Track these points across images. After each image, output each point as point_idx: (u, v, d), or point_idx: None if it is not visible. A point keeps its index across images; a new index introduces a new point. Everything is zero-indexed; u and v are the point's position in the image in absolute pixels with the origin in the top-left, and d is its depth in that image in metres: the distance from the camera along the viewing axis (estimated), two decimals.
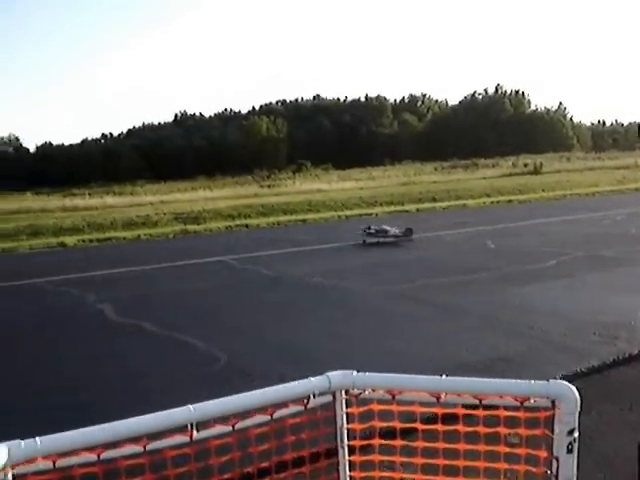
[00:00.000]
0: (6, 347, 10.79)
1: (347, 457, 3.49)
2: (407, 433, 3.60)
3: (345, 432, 3.45)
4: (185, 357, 9.48)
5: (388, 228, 21.10)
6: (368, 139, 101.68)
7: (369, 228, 21.01)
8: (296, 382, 3.27)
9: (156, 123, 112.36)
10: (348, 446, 3.48)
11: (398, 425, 3.55)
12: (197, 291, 14.78)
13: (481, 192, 40.53)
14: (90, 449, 2.81)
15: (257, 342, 10.17)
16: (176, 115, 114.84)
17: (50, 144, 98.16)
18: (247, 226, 29.89)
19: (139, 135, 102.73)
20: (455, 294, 12.75)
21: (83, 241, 26.73)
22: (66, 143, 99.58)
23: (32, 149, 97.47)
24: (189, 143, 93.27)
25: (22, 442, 2.68)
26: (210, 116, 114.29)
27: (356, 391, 3.37)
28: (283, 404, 3.23)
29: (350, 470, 3.53)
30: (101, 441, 2.82)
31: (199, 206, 38.66)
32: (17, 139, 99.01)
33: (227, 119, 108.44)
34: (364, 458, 3.55)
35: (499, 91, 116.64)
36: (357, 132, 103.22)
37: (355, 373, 3.34)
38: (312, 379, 3.28)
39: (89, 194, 53.06)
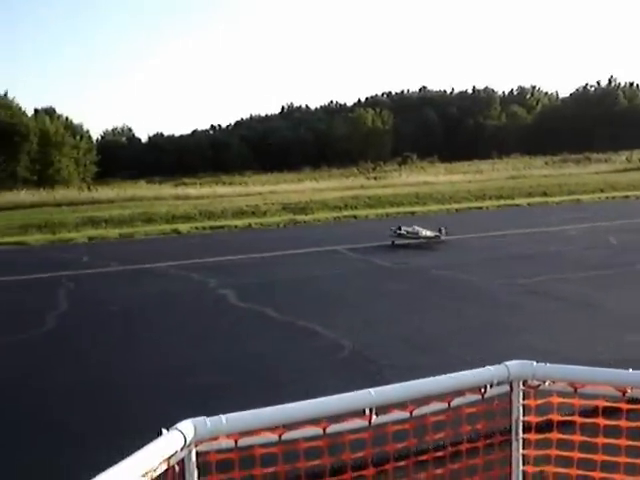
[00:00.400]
0: (139, 329, 11.11)
1: (521, 451, 3.33)
2: (587, 429, 3.40)
3: (520, 425, 3.28)
4: (310, 344, 9.49)
5: (419, 229, 19.61)
6: (475, 132, 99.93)
7: (399, 229, 19.45)
8: (474, 370, 3.13)
9: (263, 115, 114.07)
10: (523, 439, 3.32)
11: (578, 420, 3.36)
12: (315, 279, 14.80)
13: (595, 187, 39.11)
14: (272, 429, 2.76)
15: (381, 331, 10.09)
16: (283, 107, 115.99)
17: (161, 135, 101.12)
18: (355, 217, 29.82)
19: (247, 126, 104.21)
20: (589, 290, 12.34)
21: (196, 228, 27.27)
22: (176, 134, 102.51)
23: (144, 139, 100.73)
24: (295, 135, 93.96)
25: (207, 419, 2.65)
26: (316, 108, 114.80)
27: (535, 382, 3.20)
28: (460, 392, 3.10)
29: (523, 464, 3.36)
30: (283, 421, 2.77)
31: (306, 197, 38.83)
32: (130, 129, 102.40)
33: (333, 111, 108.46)
34: (539, 452, 3.38)
35: (612, 83, 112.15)
36: (464, 124, 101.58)
37: (535, 363, 3.17)
38: (490, 368, 3.14)
39: (200, 184, 54.16)
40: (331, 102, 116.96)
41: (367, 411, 2.88)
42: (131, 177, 68.34)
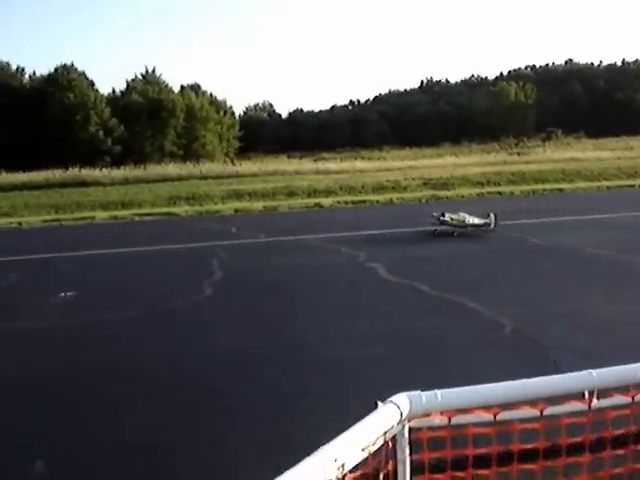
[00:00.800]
0: (293, 300, 11.19)
1: None
2: None
3: None
4: (467, 321, 9.23)
5: (466, 216, 17.47)
6: (624, 106, 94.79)
7: (443, 215, 17.27)
8: None
9: (402, 90, 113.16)
10: None
11: None
12: (462, 255, 14.57)
13: None
14: (486, 408, 2.60)
15: (540, 310, 9.67)
16: (422, 81, 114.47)
17: (301, 110, 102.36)
18: (500, 193, 29.13)
19: (385, 101, 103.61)
20: None
21: (338, 202, 27.44)
22: (316, 109, 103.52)
23: (284, 115, 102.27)
24: (435, 109, 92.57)
25: (422, 394, 2.52)
26: (456, 82, 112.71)
27: None
28: None
29: None
30: (499, 400, 2.61)
31: (447, 172, 38.23)
32: (271, 105, 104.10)
33: (474, 85, 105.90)
34: None
35: None
36: (612, 99, 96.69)
37: None
38: None
39: (340, 159, 54.47)
40: (472, 75, 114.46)
41: (587, 394, 2.68)
42: (272, 152, 69.64)
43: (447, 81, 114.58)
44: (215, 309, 10.71)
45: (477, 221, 17.42)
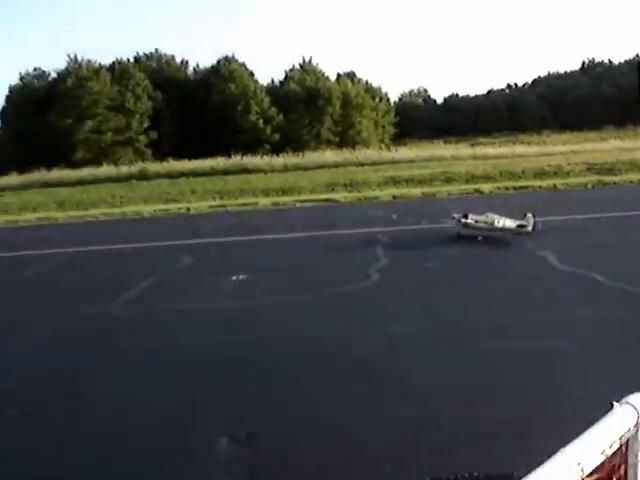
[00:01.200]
0: (459, 288, 11.09)
1: None
2: None
3: None
4: None
5: (495, 217, 15.47)
6: None
7: (465, 217, 15.56)
8: None
9: (562, 72, 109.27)
10: None
11: None
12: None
13: None
14: None
15: None
16: (583, 63, 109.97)
17: (456, 95, 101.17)
18: None
19: (545, 84, 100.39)
20: None
21: (498, 188, 26.85)
22: (471, 94, 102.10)
23: (439, 100, 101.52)
24: (597, 91, 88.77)
25: None
26: (620, 63, 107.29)
27: None
28: None
29: None
30: None
31: (612, 157, 36.46)
32: (425, 91, 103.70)
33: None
34: None
35: None
36: None
37: None
38: None
39: (498, 143, 53.31)
40: (637, 55, 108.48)
41: None
42: (427, 137, 69.23)
43: (610, 62, 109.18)
44: (385, 295, 10.78)
45: (509, 223, 15.48)
